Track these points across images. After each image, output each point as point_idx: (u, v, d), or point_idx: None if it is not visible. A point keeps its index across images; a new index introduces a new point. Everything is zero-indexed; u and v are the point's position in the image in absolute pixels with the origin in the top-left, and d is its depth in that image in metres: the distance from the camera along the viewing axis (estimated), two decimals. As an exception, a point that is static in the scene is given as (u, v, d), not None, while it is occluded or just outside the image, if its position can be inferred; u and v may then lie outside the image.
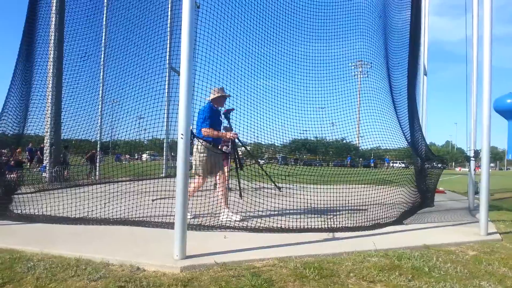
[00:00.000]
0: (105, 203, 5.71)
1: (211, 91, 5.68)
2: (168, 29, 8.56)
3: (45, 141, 11.48)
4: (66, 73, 8.25)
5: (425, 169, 6.43)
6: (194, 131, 5.48)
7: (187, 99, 3.63)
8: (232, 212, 5.57)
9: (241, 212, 5.51)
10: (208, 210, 5.69)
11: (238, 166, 5.78)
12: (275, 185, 5.77)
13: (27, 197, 5.90)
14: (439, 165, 7.05)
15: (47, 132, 11.00)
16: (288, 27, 5.82)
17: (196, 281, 3.14)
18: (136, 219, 5.32)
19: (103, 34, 8.75)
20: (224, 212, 5.58)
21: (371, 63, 6.25)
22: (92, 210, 5.49)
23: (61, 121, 9.65)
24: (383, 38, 6.13)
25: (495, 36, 5.24)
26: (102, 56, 8.75)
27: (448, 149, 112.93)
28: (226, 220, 5.41)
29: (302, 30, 5.87)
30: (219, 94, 5.69)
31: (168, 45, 8.63)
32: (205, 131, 5.47)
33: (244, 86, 5.35)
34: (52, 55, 9.45)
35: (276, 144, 6.08)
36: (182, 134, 3.59)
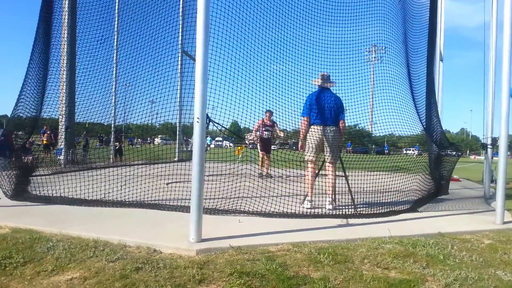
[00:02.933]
0: (121, 186, 5.77)
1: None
2: (181, 12, 8.52)
3: (59, 124, 11.60)
4: (80, 56, 8.29)
5: (441, 157, 6.36)
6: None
7: (203, 83, 3.62)
8: (307, 200, 5.67)
9: (259, 197, 5.52)
10: (222, 194, 5.73)
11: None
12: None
13: (45, 179, 5.99)
14: (454, 153, 6.97)
15: (61, 115, 11.10)
16: (304, 10, 5.72)
17: (212, 264, 3.18)
18: (151, 202, 5.39)
19: (116, 17, 8.75)
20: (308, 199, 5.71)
21: (385, 47, 6.13)
22: (108, 193, 5.56)
23: (75, 104, 9.73)
24: (402, 22, 6.01)
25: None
26: (116, 39, 8.76)
27: (463, 136, 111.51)
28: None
29: (319, 14, 5.76)
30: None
31: (180, 29, 8.61)
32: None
33: (258, 70, 5.30)
34: (65, 38, 9.48)
35: (288, 130, 6.05)
36: (198, 118, 3.60)
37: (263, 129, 10.30)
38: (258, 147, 10.75)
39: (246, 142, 11.09)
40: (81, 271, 2.95)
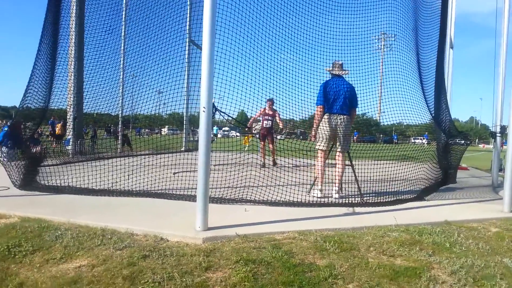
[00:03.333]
0: (128, 175, 5.81)
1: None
2: (188, 1, 8.49)
3: (68, 115, 11.67)
4: (88, 46, 8.31)
5: (449, 146, 6.32)
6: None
7: (209, 72, 3.62)
8: (318, 189, 5.68)
9: (265, 186, 5.54)
10: (229, 183, 5.75)
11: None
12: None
13: (54, 169, 6.06)
14: (463, 141, 6.92)
15: (69, 105, 11.17)
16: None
17: (218, 251, 3.21)
18: (158, 191, 5.42)
19: (124, 6, 8.74)
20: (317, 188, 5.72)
21: (395, 35, 6.06)
22: (116, 182, 5.61)
23: (84, 94, 9.79)
24: (414, 8, 5.93)
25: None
26: (123, 29, 8.77)
27: (472, 125, 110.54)
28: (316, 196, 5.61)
29: (327, 0, 5.69)
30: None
31: (188, 18, 8.58)
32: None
33: (266, 59, 5.26)
34: (73, 28, 9.52)
35: (295, 119, 6.03)
36: (204, 108, 3.60)
37: (264, 118, 10.14)
38: (259, 137, 10.66)
39: (253, 131, 10.95)
40: (89, 259, 3.00)
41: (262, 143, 10.20)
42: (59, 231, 3.57)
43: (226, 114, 4.22)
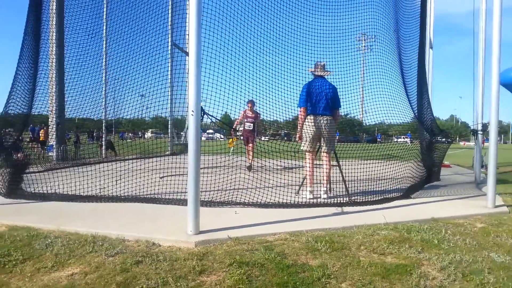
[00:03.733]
0: (115, 181, 5.77)
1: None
2: (170, 5, 8.47)
3: (49, 120, 11.51)
4: (69, 49, 8.23)
5: (433, 144, 6.44)
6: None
7: (197, 75, 3.62)
8: (309, 191, 5.70)
9: (254, 188, 5.56)
10: (218, 186, 5.75)
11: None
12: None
13: (39, 176, 5.97)
14: (444, 139, 7.05)
15: (52, 111, 11.01)
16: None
17: (211, 255, 3.21)
18: (146, 196, 5.39)
19: (105, 9, 8.68)
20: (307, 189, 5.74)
21: (374, 36, 6.16)
22: (103, 188, 5.56)
23: (65, 99, 9.66)
24: (394, 9, 6.03)
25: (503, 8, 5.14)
26: (105, 32, 8.70)
27: (453, 123, 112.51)
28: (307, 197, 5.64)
29: (308, 2, 5.74)
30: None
31: (170, 21, 8.55)
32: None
33: (248, 61, 5.28)
34: (54, 32, 9.39)
35: (280, 120, 6.06)
36: (192, 111, 3.60)
37: (245, 120, 9.96)
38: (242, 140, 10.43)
39: (238, 134, 10.80)
40: (81, 266, 2.97)
41: (246, 146, 10.06)
42: (49, 239, 3.53)
43: (214, 117, 4.23)
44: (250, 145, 9.83)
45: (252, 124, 9.90)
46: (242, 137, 10.32)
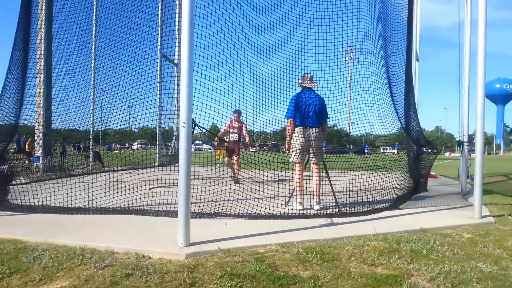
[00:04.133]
0: (104, 193, 5.72)
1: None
2: (159, 16, 8.50)
3: (36, 132, 11.38)
4: (56, 62, 8.18)
5: (420, 155, 6.53)
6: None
7: (188, 87, 3.64)
8: (298, 202, 5.71)
9: (243, 199, 5.55)
10: (207, 198, 5.74)
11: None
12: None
13: (26, 187, 5.89)
14: (430, 150, 7.15)
15: (38, 122, 10.91)
16: (281, 11, 5.76)
17: (202, 267, 3.20)
18: (135, 207, 5.35)
19: (94, 22, 8.66)
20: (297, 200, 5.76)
21: (362, 48, 6.26)
22: (91, 200, 5.50)
23: (52, 111, 9.57)
24: (382, 22, 6.14)
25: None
26: (93, 44, 8.68)
27: (438, 134, 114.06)
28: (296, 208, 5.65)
29: (297, 15, 5.82)
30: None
31: (159, 33, 8.57)
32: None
33: (236, 73, 5.31)
34: (42, 42, 9.34)
35: (268, 131, 6.09)
36: (184, 123, 3.61)
37: (231, 131, 9.62)
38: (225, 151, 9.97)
39: (224, 144, 10.49)
40: (70, 280, 2.93)
41: (227, 159, 9.70)
42: (37, 252, 3.48)
43: (205, 129, 4.23)
44: (235, 157, 9.52)
45: (237, 135, 9.62)
46: (220, 148, 10.03)
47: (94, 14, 8.39)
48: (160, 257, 3.44)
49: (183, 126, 3.61)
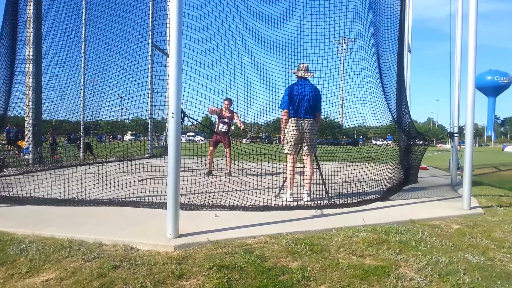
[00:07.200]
0: (93, 184, 5.67)
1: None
2: (150, 6, 8.40)
3: (26, 122, 11.25)
4: (46, 50, 8.09)
5: (410, 146, 6.55)
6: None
7: (177, 77, 3.59)
8: (289, 194, 5.68)
9: (234, 191, 5.54)
10: (197, 189, 5.72)
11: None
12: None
13: (14, 179, 5.82)
14: (421, 142, 7.17)
15: (28, 113, 10.77)
16: (274, 1, 5.71)
17: (191, 259, 3.18)
18: (125, 199, 5.32)
19: (84, 10, 8.55)
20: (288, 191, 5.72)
21: (354, 39, 6.22)
22: (80, 191, 5.46)
23: (42, 101, 9.45)
24: (373, 13, 6.11)
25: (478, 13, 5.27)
26: (83, 33, 8.57)
27: (430, 126, 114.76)
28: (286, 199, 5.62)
29: (289, 5, 5.77)
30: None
31: (150, 22, 8.48)
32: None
33: (229, 63, 5.26)
34: (31, 32, 9.20)
35: (260, 123, 6.06)
36: (173, 113, 3.57)
37: (220, 121, 9.08)
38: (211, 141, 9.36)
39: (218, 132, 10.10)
40: (57, 272, 2.90)
41: (211, 148, 9.11)
42: (23, 244, 3.44)
43: (195, 120, 4.20)
44: (227, 150, 9.11)
45: (227, 126, 9.12)
46: (210, 139, 9.39)
47: (84, 2, 8.28)
48: (148, 249, 3.42)
49: (172, 117, 3.58)
